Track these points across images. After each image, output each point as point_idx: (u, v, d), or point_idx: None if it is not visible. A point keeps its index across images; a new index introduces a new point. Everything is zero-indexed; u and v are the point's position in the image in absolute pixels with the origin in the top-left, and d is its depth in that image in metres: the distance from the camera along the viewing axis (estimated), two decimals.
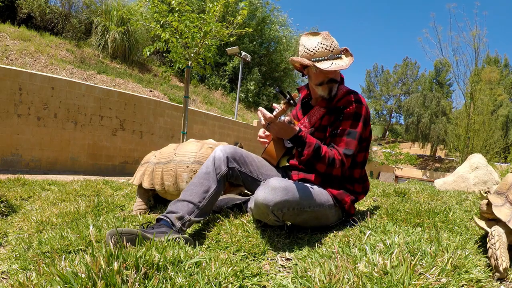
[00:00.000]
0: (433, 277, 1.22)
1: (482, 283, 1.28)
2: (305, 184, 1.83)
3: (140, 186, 2.67)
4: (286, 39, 18.98)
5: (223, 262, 1.44)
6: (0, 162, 6.06)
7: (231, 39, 6.07)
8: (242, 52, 12.87)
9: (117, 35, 11.65)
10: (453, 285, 1.22)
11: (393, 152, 29.65)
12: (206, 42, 5.71)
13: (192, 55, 5.83)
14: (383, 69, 53.31)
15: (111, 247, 1.27)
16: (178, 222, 1.79)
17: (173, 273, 1.26)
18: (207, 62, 6.06)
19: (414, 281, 1.19)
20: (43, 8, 11.50)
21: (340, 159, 1.80)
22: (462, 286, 1.26)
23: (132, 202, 2.94)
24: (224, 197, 2.22)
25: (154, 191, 2.70)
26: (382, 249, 1.48)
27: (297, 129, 1.77)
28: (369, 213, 2.01)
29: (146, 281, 1.19)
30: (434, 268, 1.28)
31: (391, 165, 28.83)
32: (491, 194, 1.60)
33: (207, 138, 2.84)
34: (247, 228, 1.87)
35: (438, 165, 38.40)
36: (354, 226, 1.88)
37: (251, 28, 6.92)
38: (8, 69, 6.22)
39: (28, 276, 1.30)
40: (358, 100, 1.89)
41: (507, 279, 1.36)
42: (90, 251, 1.25)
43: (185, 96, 6.13)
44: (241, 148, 2.08)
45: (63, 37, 11.62)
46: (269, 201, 1.67)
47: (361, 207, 2.40)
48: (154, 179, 2.56)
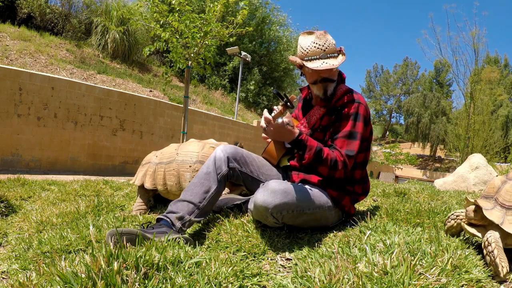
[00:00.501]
0: (433, 277, 1.22)
1: (482, 283, 1.28)
2: (304, 186, 1.83)
3: (141, 186, 2.66)
4: (286, 39, 18.97)
5: (223, 262, 1.44)
6: (0, 162, 6.06)
7: (231, 39, 6.07)
8: (242, 52, 12.86)
9: (117, 35, 11.65)
10: (453, 285, 1.22)
11: (393, 152, 29.64)
12: (206, 42, 5.71)
13: (192, 55, 5.83)
14: (383, 69, 53.41)
15: (111, 247, 1.26)
16: (178, 222, 1.79)
17: (173, 273, 1.26)
18: (207, 62, 6.06)
19: (414, 281, 1.19)
20: (43, 8, 11.50)
21: (342, 161, 1.78)
22: (462, 286, 1.26)
23: (132, 202, 2.94)
24: (224, 197, 2.22)
25: (155, 191, 2.70)
26: (382, 249, 1.48)
27: (297, 132, 1.74)
28: (369, 213, 2.01)
29: (146, 281, 1.19)
30: (434, 268, 1.27)
31: (391, 165, 28.82)
32: (479, 199, 1.59)
33: (207, 138, 2.84)
34: (247, 228, 1.87)
35: (438, 165, 38.40)
36: (354, 226, 1.88)
37: (251, 28, 6.92)
38: (8, 69, 6.22)
39: (28, 276, 1.30)
40: (358, 99, 1.87)
41: (507, 279, 1.36)
42: (90, 251, 1.25)
43: (185, 96, 6.13)
44: (241, 148, 2.08)
45: (63, 37, 11.62)
46: (268, 203, 1.66)
47: (361, 207, 2.40)
48: (156, 179, 2.56)
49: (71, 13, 12.41)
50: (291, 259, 1.63)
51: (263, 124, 1.74)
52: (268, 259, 1.66)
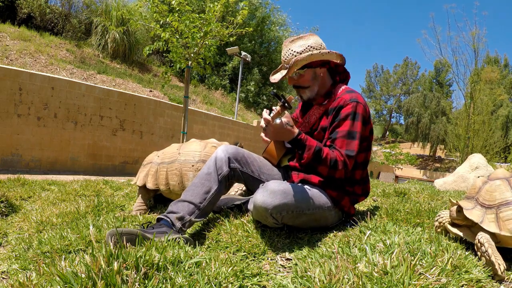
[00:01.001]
0: (433, 277, 1.22)
1: (482, 283, 1.28)
2: (304, 186, 1.82)
3: (142, 186, 2.66)
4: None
5: (223, 262, 1.44)
6: (0, 162, 6.06)
7: (231, 39, 6.07)
8: (242, 52, 12.87)
9: (117, 35, 11.65)
10: (453, 285, 1.22)
11: (393, 152, 29.62)
12: (206, 42, 5.71)
13: (192, 55, 5.83)
14: (383, 69, 53.38)
15: (111, 247, 1.27)
16: (178, 222, 1.79)
17: (173, 273, 1.26)
18: (207, 62, 6.06)
19: (414, 281, 1.19)
20: (43, 8, 11.50)
21: (342, 160, 1.77)
22: (462, 286, 1.26)
23: (132, 202, 2.94)
24: (224, 197, 2.22)
25: (157, 192, 2.69)
26: (382, 249, 1.48)
27: (296, 131, 1.74)
28: (369, 213, 2.01)
29: (146, 281, 1.19)
30: (434, 268, 1.27)
31: (391, 165, 28.81)
32: (461, 200, 1.64)
33: (207, 138, 2.84)
34: (247, 228, 1.87)
35: (438, 165, 38.40)
36: (354, 226, 1.88)
37: (251, 28, 6.92)
38: (8, 69, 6.22)
39: (28, 276, 1.30)
40: (355, 98, 1.84)
41: (507, 280, 1.36)
42: (90, 251, 1.25)
43: (185, 96, 6.13)
44: (241, 148, 2.08)
45: (63, 37, 11.62)
46: (268, 204, 1.67)
47: (361, 207, 2.40)
48: (158, 179, 2.56)
49: (71, 13, 12.42)
50: (291, 259, 1.63)
51: (263, 124, 1.74)
52: (268, 259, 1.66)
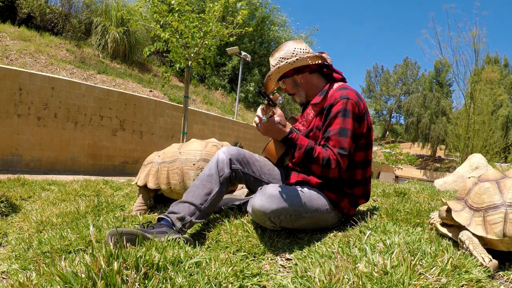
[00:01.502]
0: (433, 277, 1.22)
1: (482, 283, 1.28)
2: (302, 189, 1.81)
3: (143, 186, 2.66)
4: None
5: (223, 262, 1.44)
6: (0, 162, 6.06)
7: (231, 39, 6.06)
8: (242, 52, 12.86)
9: (117, 35, 11.65)
10: (453, 285, 1.22)
11: (393, 152, 29.61)
12: (206, 42, 5.71)
13: (192, 55, 5.83)
14: (383, 69, 53.38)
15: (111, 247, 1.27)
16: (179, 223, 1.79)
17: (173, 273, 1.26)
18: (207, 62, 6.05)
19: (414, 281, 1.19)
20: (43, 8, 11.50)
21: (335, 159, 1.75)
22: (462, 286, 1.26)
23: (132, 202, 2.94)
24: (224, 197, 2.22)
25: (157, 191, 2.70)
26: (382, 249, 1.48)
27: (286, 131, 1.75)
28: (369, 213, 2.01)
29: (146, 281, 1.19)
30: (434, 268, 1.27)
31: (391, 165, 28.80)
32: (451, 200, 1.62)
33: (207, 138, 2.84)
34: (247, 228, 1.87)
35: (438, 165, 38.39)
36: (354, 226, 1.88)
37: (251, 28, 6.91)
38: (8, 69, 6.22)
39: (28, 276, 1.30)
40: (346, 95, 1.81)
41: (507, 280, 1.36)
42: (90, 251, 1.25)
43: (185, 96, 6.13)
44: (241, 148, 2.08)
45: (63, 37, 11.62)
46: (266, 208, 1.67)
47: (361, 207, 2.40)
48: (159, 179, 2.56)
49: (71, 13, 12.41)
50: (291, 259, 1.63)
51: (256, 120, 1.78)
52: (268, 259, 1.66)
